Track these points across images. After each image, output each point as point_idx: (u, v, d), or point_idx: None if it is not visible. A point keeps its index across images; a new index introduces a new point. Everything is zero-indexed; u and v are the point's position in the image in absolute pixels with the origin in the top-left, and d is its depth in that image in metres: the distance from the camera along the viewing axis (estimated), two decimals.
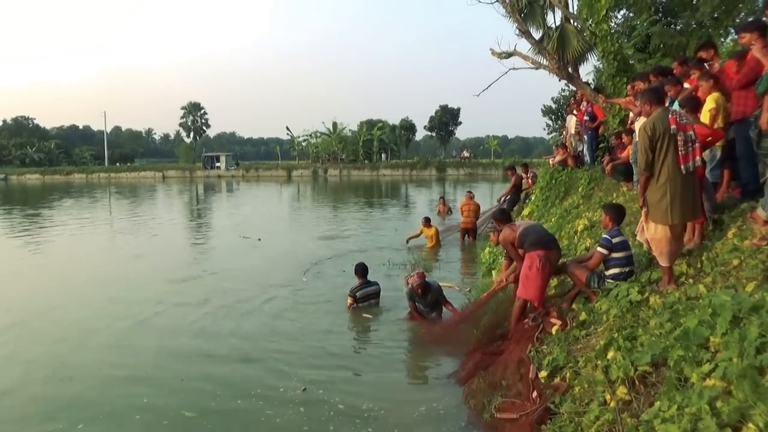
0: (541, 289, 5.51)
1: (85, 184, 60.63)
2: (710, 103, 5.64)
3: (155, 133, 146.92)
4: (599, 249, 5.22)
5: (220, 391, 5.47)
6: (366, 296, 8.14)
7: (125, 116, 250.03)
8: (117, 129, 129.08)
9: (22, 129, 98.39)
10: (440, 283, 7.75)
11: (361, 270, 8.35)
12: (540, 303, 5.54)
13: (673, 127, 4.47)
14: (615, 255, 5.18)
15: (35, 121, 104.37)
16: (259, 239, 15.03)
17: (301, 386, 5.47)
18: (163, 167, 75.76)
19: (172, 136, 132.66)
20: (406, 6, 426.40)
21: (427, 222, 13.45)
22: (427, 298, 7.35)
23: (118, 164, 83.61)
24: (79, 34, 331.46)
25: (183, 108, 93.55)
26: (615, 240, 5.17)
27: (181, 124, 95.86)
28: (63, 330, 7.54)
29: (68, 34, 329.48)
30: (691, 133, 4.56)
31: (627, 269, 5.18)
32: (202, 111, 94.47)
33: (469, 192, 14.81)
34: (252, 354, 6.52)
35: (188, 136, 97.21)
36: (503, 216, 6.54)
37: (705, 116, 5.59)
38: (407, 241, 13.50)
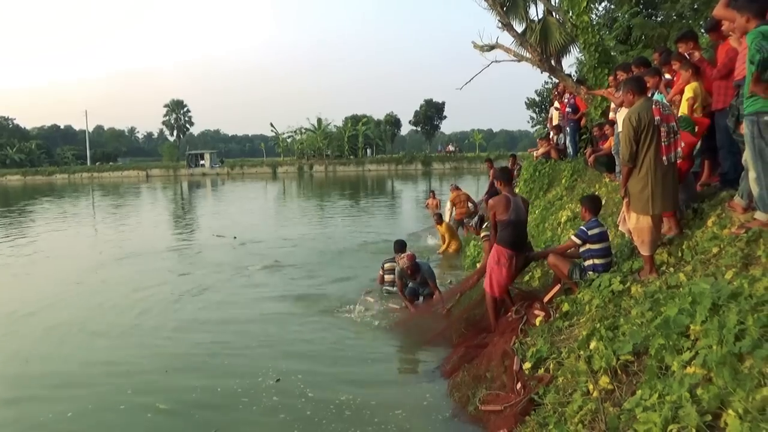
0: (502, 284, 5.61)
1: (67, 184, 59.80)
2: (688, 92, 5.66)
3: (138, 132, 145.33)
4: (573, 238, 5.33)
5: (198, 381, 5.56)
6: (395, 269, 8.25)
7: (107, 115, 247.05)
8: (99, 128, 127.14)
9: (2, 130, 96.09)
10: None
11: (399, 246, 8.57)
12: (501, 294, 5.67)
13: (657, 118, 4.50)
14: (592, 246, 5.22)
15: (15, 122, 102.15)
16: (234, 237, 14.95)
17: (275, 376, 5.54)
18: (146, 166, 74.83)
19: (156, 135, 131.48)
20: (388, 1, 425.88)
21: (438, 219, 12.41)
22: (417, 277, 7.71)
23: (99, 164, 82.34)
24: (60, 34, 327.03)
25: (166, 106, 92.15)
26: (591, 232, 5.21)
27: (164, 122, 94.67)
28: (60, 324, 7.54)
29: (48, 35, 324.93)
30: (674, 124, 4.59)
31: (605, 260, 5.22)
32: (185, 109, 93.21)
33: (453, 185, 14.51)
34: (229, 345, 6.65)
35: (172, 134, 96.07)
36: (504, 176, 5.94)
37: (683, 105, 5.62)
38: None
